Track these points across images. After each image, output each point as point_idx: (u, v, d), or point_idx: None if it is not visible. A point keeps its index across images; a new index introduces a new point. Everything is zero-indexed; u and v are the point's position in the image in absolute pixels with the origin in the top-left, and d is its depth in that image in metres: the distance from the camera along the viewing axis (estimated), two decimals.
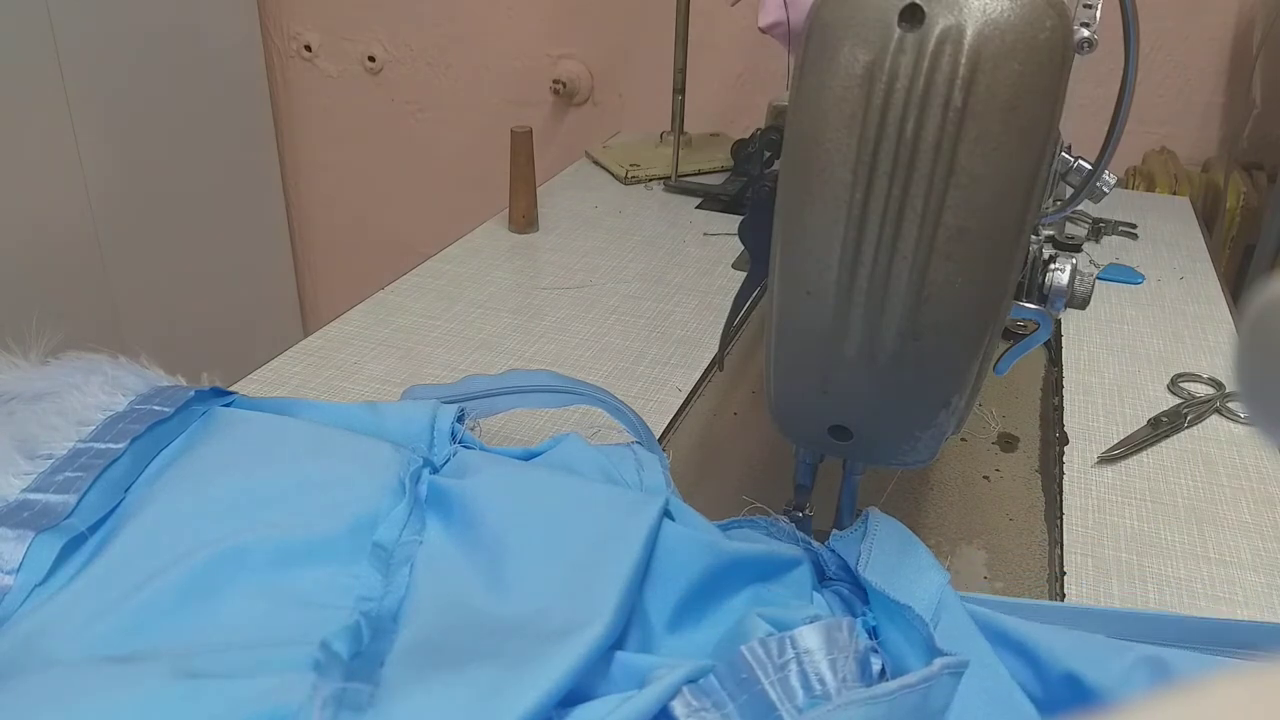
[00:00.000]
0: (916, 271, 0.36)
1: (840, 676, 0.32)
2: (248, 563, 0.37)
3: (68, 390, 0.43)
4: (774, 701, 0.31)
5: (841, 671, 0.32)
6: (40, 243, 1.27)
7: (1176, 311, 0.80)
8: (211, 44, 1.49)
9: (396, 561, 0.38)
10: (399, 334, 0.72)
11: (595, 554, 0.38)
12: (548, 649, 0.32)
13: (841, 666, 0.32)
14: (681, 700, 0.31)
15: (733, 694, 0.32)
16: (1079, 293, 0.42)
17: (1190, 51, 1.24)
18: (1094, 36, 0.35)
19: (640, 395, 0.65)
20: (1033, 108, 0.34)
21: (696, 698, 0.32)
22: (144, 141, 1.39)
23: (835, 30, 0.35)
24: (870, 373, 0.38)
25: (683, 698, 0.31)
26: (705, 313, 0.77)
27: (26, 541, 0.36)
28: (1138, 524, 0.54)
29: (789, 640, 0.33)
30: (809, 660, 0.32)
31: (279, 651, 0.32)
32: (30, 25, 1.21)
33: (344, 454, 0.42)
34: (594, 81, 1.52)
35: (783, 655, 0.32)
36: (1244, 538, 0.53)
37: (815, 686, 0.32)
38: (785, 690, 0.32)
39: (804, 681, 0.32)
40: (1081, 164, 0.45)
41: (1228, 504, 0.56)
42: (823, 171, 0.36)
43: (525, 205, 0.91)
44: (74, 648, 0.33)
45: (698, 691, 0.32)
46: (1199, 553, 0.52)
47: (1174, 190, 1.15)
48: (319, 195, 1.76)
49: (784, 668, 0.32)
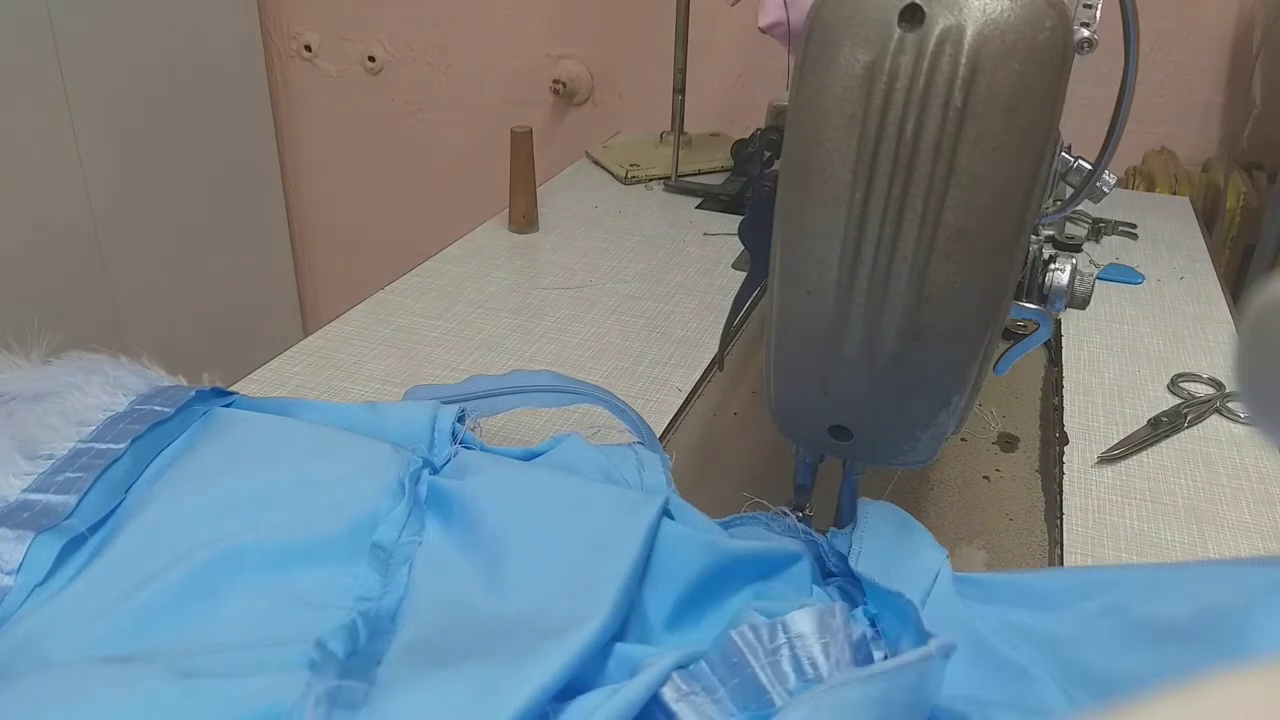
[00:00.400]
0: (916, 271, 0.36)
1: (833, 660, 0.32)
2: (247, 563, 0.37)
3: (68, 390, 0.43)
4: (765, 685, 0.31)
5: (834, 655, 0.32)
6: (40, 243, 1.27)
7: (1176, 311, 0.80)
8: (211, 44, 1.49)
9: (395, 562, 0.38)
10: (399, 334, 0.72)
11: (594, 553, 0.38)
12: (544, 645, 0.32)
13: (834, 650, 0.32)
14: (671, 685, 0.31)
15: (723, 678, 0.32)
16: (1079, 293, 0.42)
17: (1190, 51, 1.24)
18: (1094, 36, 0.35)
19: (640, 395, 0.65)
20: (1033, 108, 0.34)
21: (686, 682, 0.31)
22: (144, 141, 1.39)
23: (835, 30, 0.35)
24: (870, 373, 0.38)
25: (672, 683, 0.31)
26: (705, 313, 0.77)
27: (26, 542, 0.36)
28: (1138, 524, 0.54)
29: (780, 625, 0.33)
30: (800, 644, 0.32)
31: (276, 651, 0.32)
32: (30, 25, 1.21)
33: (344, 454, 0.42)
34: (594, 81, 1.52)
35: (774, 640, 0.32)
36: (1244, 538, 0.53)
37: (807, 670, 0.31)
38: (777, 674, 0.31)
39: (795, 665, 0.32)
40: (1081, 164, 0.45)
41: (1228, 504, 0.56)
42: (823, 171, 0.36)
43: (525, 205, 0.91)
44: (74, 648, 0.33)
45: (687, 676, 0.32)
46: (1199, 553, 0.52)
47: (1174, 190, 1.15)
48: (319, 195, 1.76)
49: (775, 652, 0.32)
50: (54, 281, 1.29)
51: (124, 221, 1.38)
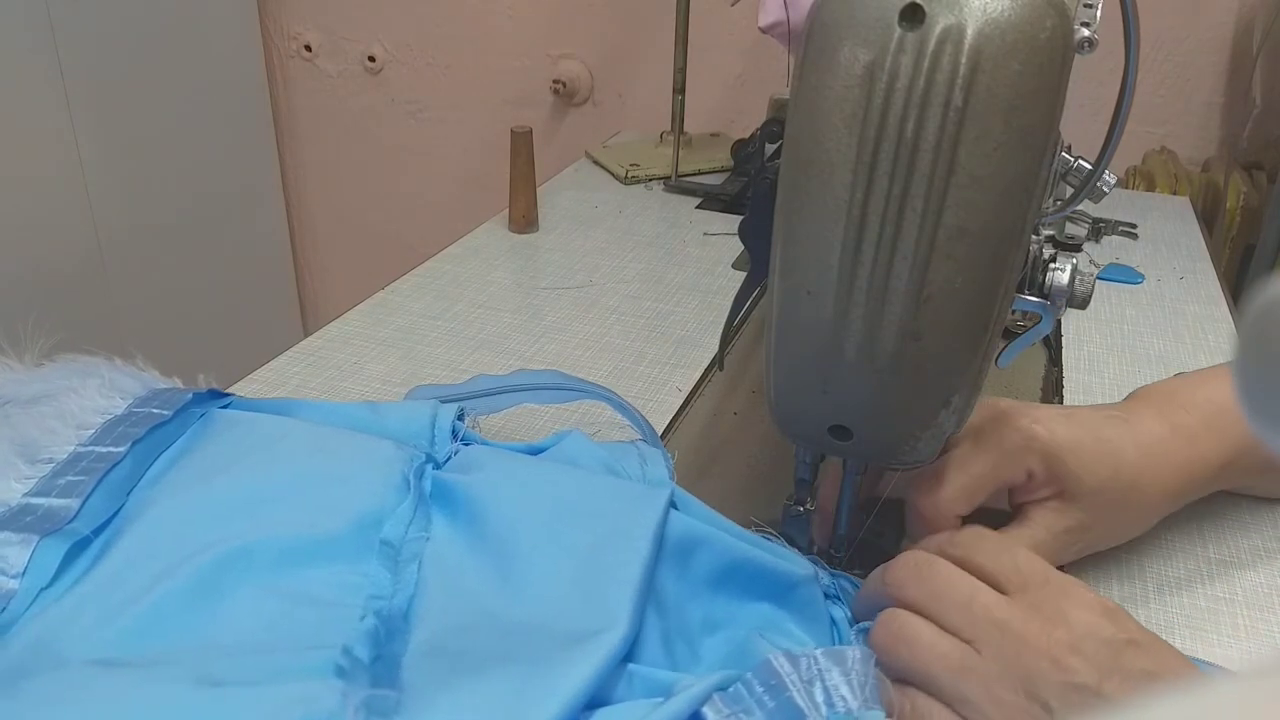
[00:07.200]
0: (916, 271, 0.36)
1: (860, 698, 0.33)
2: (254, 562, 0.37)
3: (65, 393, 0.43)
4: (802, 708, 0.32)
5: (860, 694, 0.33)
6: (40, 243, 1.27)
7: (1176, 311, 0.80)
8: (211, 44, 1.49)
9: (404, 559, 0.38)
10: (399, 334, 0.72)
11: (605, 549, 0.38)
12: (569, 654, 0.33)
13: (859, 688, 0.33)
14: (712, 706, 0.32)
15: (760, 701, 0.33)
16: (1079, 293, 0.42)
17: (1190, 51, 1.24)
18: (1094, 36, 0.35)
19: (640, 395, 0.65)
20: (1033, 108, 0.34)
21: (727, 704, 0.32)
22: (143, 141, 1.39)
23: (835, 30, 0.35)
24: (870, 373, 0.38)
25: (713, 704, 0.32)
26: (705, 313, 0.77)
27: (31, 545, 0.36)
28: None
29: (812, 658, 0.34)
30: (829, 678, 0.34)
31: (297, 656, 0.32)
32: (30, 25, 1.21)
33: (345, 451, 0.42)
34: (594, 81, 1.52)
35: (809, 670, 0.34)
36: (1244, 538, 0.53)
37: (838, 704, 0.33)
38: (810, 702, 0.33)
39: (827, 698, 0.33)
40: (1081, 164, 0.45)
41: (1228, 504, 0.56)
42: (823, 171, 0.36)
43: (525, 205, 0.91)
44: (84, 651, 0.33)
45: (728, 699, 0.33)
46: (1199, 553, 0.52)
47: (1174, 190, 1.15)
48: (319, 195, 1.76)
49: (810, 682, 0.33)
50: (53, 282, 1.29)
51: (123, 221, 1.38)
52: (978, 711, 0.35)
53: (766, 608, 0.41)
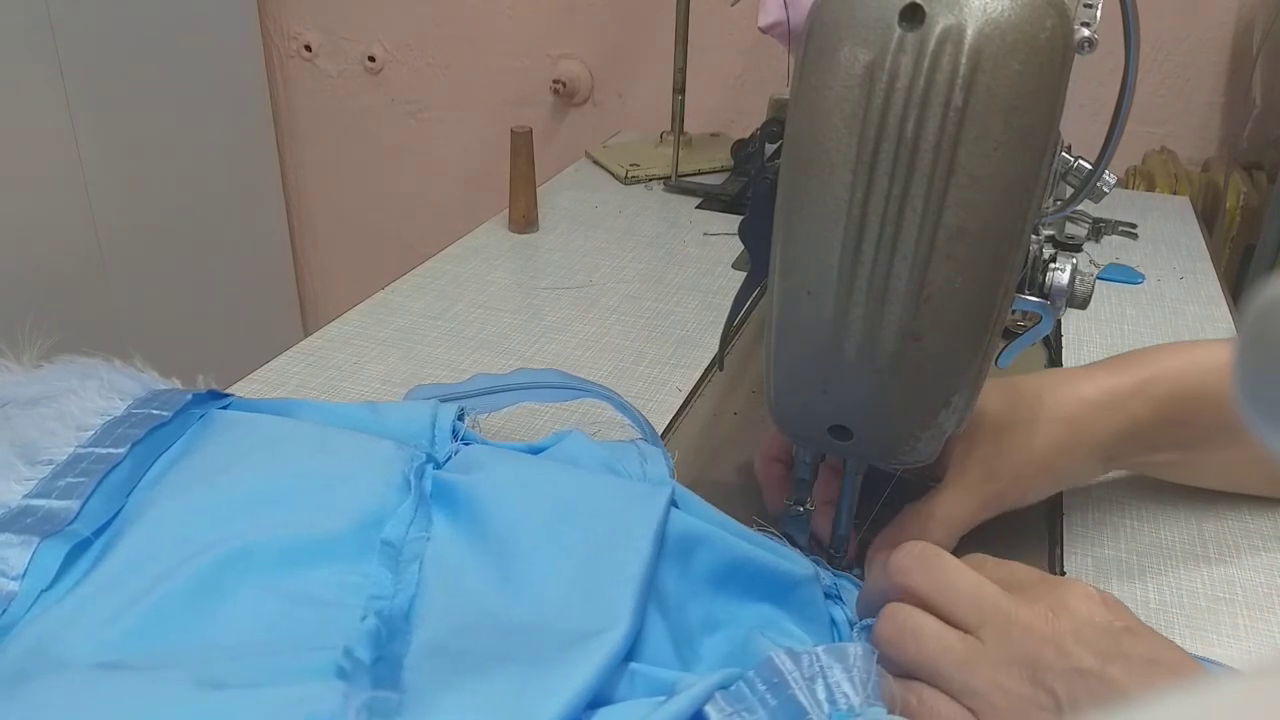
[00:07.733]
0: (916, 271, 0.36)
1: (862, 695, 0.33)
2: (254, 563, 0.37)
3: (64, 395, 0.43)
4: (805, 706, 0.32)
5: (862, 690, 0.33)
6: (40, 243, 1.27)
7: (1176, 311, 0.80)
8: (211, 44, 1.49)
9: (405, 559, 0.38)
10: (399, 334, 0.72)
11: (606, 548, 0.38)
12: (570, 654, 0.33)
13: (861, 684, 0.33)
14: (715, 705, 0.32)
15: (763, 699, 0.33)
16: (1079, 293, 0.42)
17: (1190, 51, 1.24)
18: (1094, 36, 0.35)
19: (640, 395, 0.65)
20: (1033, 108, 0.34)
21: (729, 702, 0.32)
22: (143, 141, 1.39)
23: (835, 30, 0.35)
24: (870, 373, 0.38)
25: (715, 703, 0.32)
26: (705, 313, 0.77)
27: (32, 547, 0.36)
28: (1138, 524, 0.54)
29: (813, 656, 0.34)
30: (831, 675, 0.34)
31: (298, 658, 0.32)
32: (30, 25, 1.21)
33: (345, 452, 0.42)
34: (594, 81, 1.52)
35: (811, 668, 0.34)
36: (1244, 538, 0.53)
37: (840, 700, 0.33)
38: (813, 699, 0.33)
39: (829, 695, 0.33)
40: (1081, 164, 0.45)
41: (1228, 504, 0.56)
42: (823, 171, 0.36)
43: (525, 205, 0.91)
44: (85, 653, 0.33)
45: (730, 697, 0.33)
46: (1199, 553, 0.52)
47: (1174, 190, 1.15)
48: (319, 195, 1.76)
49: (812, 680, 0.33)
50: (53, 282, 1.29)
51: (123, 221, 1.38)
52: (984, 702, 0.35)
53: (767, 608, 0.41)
